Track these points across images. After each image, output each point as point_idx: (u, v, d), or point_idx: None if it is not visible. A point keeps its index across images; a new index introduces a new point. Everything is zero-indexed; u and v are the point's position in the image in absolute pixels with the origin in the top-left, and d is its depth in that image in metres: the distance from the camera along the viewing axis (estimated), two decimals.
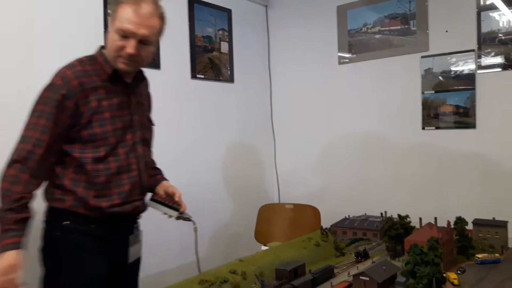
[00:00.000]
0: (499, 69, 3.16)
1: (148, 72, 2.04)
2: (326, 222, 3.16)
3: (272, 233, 3.71)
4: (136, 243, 2.05)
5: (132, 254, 2.02)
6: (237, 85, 4.08)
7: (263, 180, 4.45)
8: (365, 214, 3.29)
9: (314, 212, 3.71)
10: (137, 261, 2.12)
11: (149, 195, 2.07)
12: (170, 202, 2.01)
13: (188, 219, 2.03)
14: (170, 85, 3.41)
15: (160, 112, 3.44)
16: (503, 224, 2.69)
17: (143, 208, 2.04)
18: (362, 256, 2.58)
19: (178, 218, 2.03)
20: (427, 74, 3.48)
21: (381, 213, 3.12)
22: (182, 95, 3.54)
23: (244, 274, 2.21)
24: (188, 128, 3.61)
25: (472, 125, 3.28)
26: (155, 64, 3.20)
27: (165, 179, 2.22)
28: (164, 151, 3.42)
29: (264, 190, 4.45)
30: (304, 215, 3.75)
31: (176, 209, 2.00)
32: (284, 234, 3.57)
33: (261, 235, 3.76)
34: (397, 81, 3.64)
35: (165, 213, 2.01)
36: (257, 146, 4.37)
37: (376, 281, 1.93)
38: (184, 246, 3.13)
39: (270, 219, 3.86)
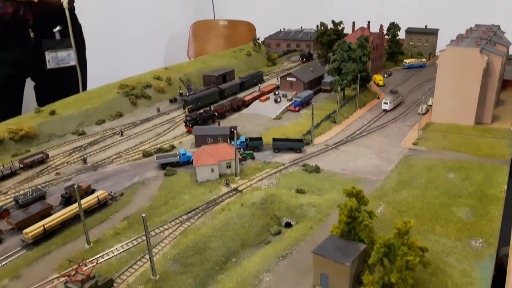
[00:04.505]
0: None
1: None
2: (262, 38, 3.03)
3: (206, 50, 3.54)
4: (59, 50, 1.79)
5: (53, 59, 1.78)
6: None
7: None
8: (301, 27, 3.16)
9: (249, 28, 3.76)
10: (69, 69, 1.89)
11: None
12: None
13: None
14: None
15: None
16: (433, 32, 2.72)
17: None
18: (307, 57, 2.55)
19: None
20: None
21: (317, 25, 3.03)
22: None
23: (169, 80, 2.13)
24: None
25: None
26: None
27: None
28: None
29: (199, 6, 4.09)
30: (239, 31, 3.81)
31: None
32: (217, 51, 3.40)
33: (193, 52, 3.58)
34: None
35: None
36: None
37: (302, 81, 1.90)
38: None
39: (204, 36, 3.91)
